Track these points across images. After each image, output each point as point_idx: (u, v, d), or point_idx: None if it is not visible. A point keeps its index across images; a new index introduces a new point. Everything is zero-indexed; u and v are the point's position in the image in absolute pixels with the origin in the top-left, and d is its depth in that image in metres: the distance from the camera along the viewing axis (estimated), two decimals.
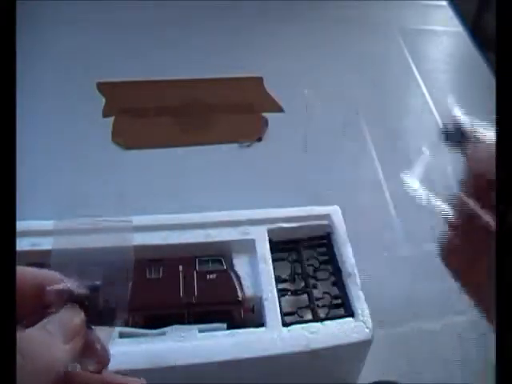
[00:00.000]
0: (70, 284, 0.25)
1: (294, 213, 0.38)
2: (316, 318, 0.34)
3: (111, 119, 0.58)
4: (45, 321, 0.23)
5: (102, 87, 0.62)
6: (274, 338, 0.31)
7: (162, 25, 0.70)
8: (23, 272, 0.25)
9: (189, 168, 0.53)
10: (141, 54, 0.66)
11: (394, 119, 0.63)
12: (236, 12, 0.74)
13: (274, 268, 0.35)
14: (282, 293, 0.35)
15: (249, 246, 0.36)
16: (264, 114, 0.60)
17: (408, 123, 0.63)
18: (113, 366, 0.28)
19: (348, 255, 0.37)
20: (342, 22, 0.75)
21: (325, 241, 0.39)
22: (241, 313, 0.34)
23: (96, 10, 0.71)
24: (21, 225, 0.32)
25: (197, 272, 0.35)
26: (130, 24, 0.70)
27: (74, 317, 0.24)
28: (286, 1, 0.75)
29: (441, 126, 0.30)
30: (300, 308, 0.35)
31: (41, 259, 0.33)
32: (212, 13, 0.73)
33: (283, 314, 0.33)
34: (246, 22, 0.73)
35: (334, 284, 0.36)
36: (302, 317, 0.34)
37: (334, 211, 0.39)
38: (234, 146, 0.56)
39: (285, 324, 0.32)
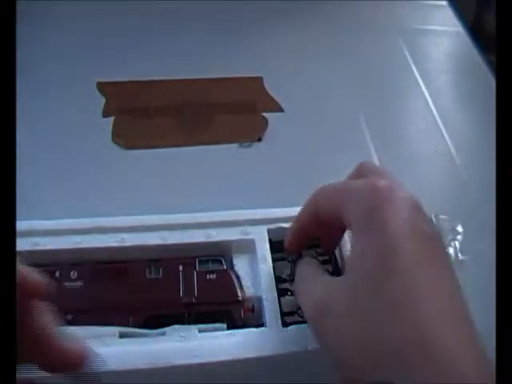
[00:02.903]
0: None
1: (293, 213, 0.38)
2: None
3: (111, 119, 0.58)
4: None
5: (102, 87, 0.62)
6: (274, 338, 0.31)
7: (162, 25, 0.70)
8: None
9: (189, 168, 0.53)
10: (141, 54, 0.66)
11: (394, 119, 0.63)
12: (236, 12, 0.74)
13: (274, 268, 0.35)
14: (281, 293, 0.35)
15: (249, 246, 0.36)
16: (264, 114, 0.60)
17: (408, 123, 0.63)
18: (112, 366, 0.28)
19: (348, 255, 0.37)
20: (342, 22, 0.75)
21: None
22: (241, 313, 0.34)
23: (96, 10, 0.71)
24: (21, 225, 0.32)
25: (197, 272, 0.35)
26: (130, 24, 0.70)
27: None
28: (286, 1, 0.76)
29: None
30: (300, 308, 0.35)
31: (41, 259, 0.33)
32: (212, 13, 0.73)
33: (283, 314, 0.33)
34: (246, 22, 0.73)
35: None
36: (302, 317, 0.34)
37: None
38: (234, 145, 0.56)
39: (285, 324, 0.32)
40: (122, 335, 0.31)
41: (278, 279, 0.36)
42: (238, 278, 0.35)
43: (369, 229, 0.26)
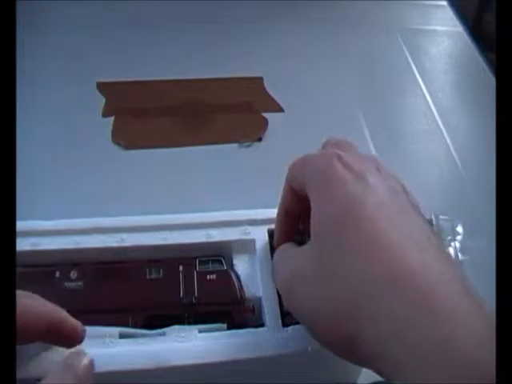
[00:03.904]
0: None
1: None
2: None
3: (111, 119, 0.58)
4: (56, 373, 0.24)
5: (102, 87, 0.62)
6: (274, 338, 0.31)
7: (162, 25, 0.70)
8: (26, 309, 0.25)
9: (189, 168, 0.53)
10: (140, 54, 0.66)
11: (394, 119, 0.63)
12: (236, 12, 0.74)
13: None
14: None
15: (249, 246, 0.36)
16: (264, 114, 0.60)
17: (408, 123, 0.63)
18: (112, 366, 0.28)
19: None
20: (342, 22, 0.75)
21: None
22: (241, 313, 0.34)
23: (96, 10, 0.71)
24: (21, 225, 0.32)
25: (197, 272, 0.35)
26: (130, 24, 0.70)
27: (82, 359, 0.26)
28: (285, 0, 0.76)
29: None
30: None
31: (41, 259, 0.33)
32: (212, 12, 0.73)
33: (283, 314, 0.33)
34: (246, 22, 0.73)
35: None
36: None
37: None
38: (234, 145, 0.56)
39: (285, 324, 0.32)
40: (122, 335, 0.31)
41: None
42: (238, 278, 0.35)
43: (320, 191, 0.26)
